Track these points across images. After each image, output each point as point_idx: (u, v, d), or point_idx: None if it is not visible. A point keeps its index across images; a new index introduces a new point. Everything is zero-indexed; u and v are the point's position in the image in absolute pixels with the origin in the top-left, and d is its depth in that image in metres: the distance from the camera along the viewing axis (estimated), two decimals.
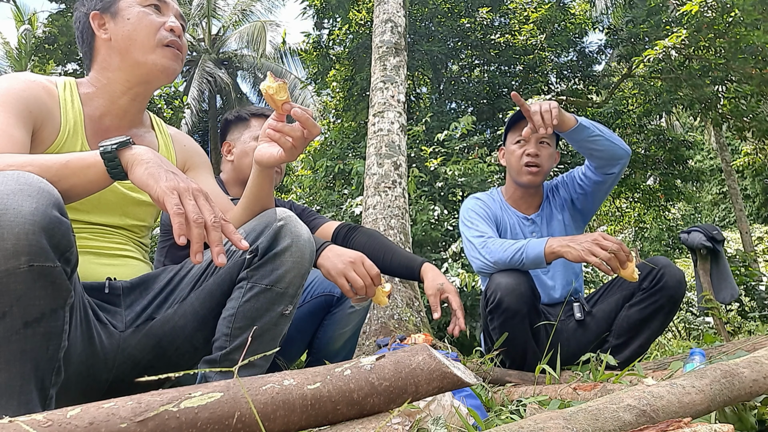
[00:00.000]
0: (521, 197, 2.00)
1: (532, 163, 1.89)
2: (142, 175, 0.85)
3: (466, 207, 1.97)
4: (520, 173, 1.93)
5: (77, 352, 0.95)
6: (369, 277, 1.28)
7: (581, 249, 1.54)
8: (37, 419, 0.55)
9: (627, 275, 1.52)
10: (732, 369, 0.79)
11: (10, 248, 0.72)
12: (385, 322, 3.18)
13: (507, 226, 1.96)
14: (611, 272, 1.53)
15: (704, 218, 19.48)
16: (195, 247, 0.80)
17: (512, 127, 1.97)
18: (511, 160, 1.95)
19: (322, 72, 9.44)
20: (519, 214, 1.99)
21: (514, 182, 1.99)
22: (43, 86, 1.10)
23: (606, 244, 1.51)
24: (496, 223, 1.94)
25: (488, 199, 2.01)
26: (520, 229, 1.96)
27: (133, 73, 1.15)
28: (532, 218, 1.98)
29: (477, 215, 1.91)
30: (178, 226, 0.79)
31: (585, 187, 1.93)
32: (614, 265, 1.51)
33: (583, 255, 1.53)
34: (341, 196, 6.66)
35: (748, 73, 6.80)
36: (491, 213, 1.94)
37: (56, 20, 9.76)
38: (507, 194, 2.04)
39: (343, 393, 0.66)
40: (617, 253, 1.50)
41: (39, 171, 0.83)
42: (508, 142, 1.98)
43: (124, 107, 1.18)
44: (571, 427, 0.60)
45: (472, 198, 2.02)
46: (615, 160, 1.79)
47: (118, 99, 1.17)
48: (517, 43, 8.67)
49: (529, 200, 2.01)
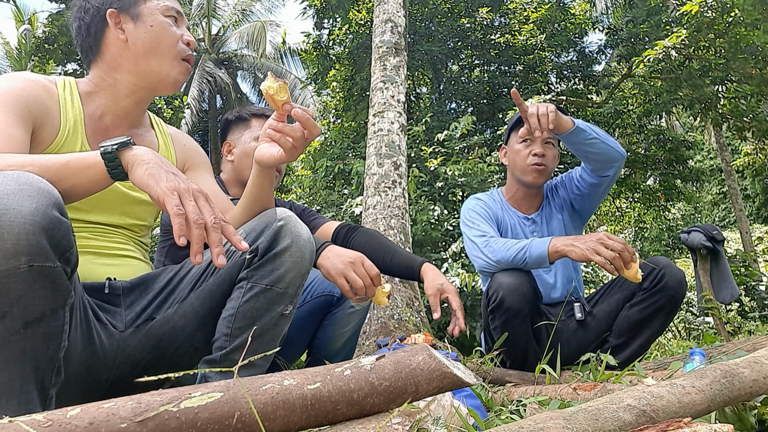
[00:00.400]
0: (522, 197, 2.00)
1: (538, 163, 1.89)
2: (143, 176, 0.85)
3: (466, 207, 1.96)
4: (525, 172, 1.92)
5: (77, 352, 0.95)
6: (369, 278, 1.28)
7: (586, 248, 1.54)
8: (37, 419, 0.55)
9: (630, 276, 1.52)
10: (732, 369, 0.79)
11: (11, 248, 0.72)
12: (385, 322, 3.18)
13: (508, 226, 1.96)
14: (615, 272, 1.53)
15: (704, 218, 19.47)
16: (195, 248, 0.80)
17: (516, 126, 1.96)
18: (516, 160, 1.94)
19: (322, 72, 9.43)
20: (519, 214, 1.99)
21: (517, 182, 1.98)
22: (43, 86, 1.09)
23: (611, 244, 1.51)
24: (497, 223, 1.94)
25: (489, 199, 2.01)
26: (520, 229, 1.96)
27: (145, 79, 1.15)
28: (533, 218, 1.98)
29: (478, 215, 1.90)
30: (178, 227, 0.79)
31: (581, 189, 1.94)
32: (618, 265, 1.51)
33: (587, 254, 1.53)
34: (341, 196, 6.66)
35: (748, 73, 6.80)
36: (492, 213, 1.94)
37: (56, 20, 9.75)
38: (508, 194, 2.04)
39: (343, 393, 0.66)
40: (622, 253, 1.50)
41: (39, 171, 0.83)
42: (512, 141, 1.97)
43: (126, 109, 1.18)
44: (571, 427, 0.60)
45: (473, 198, 2.01)
46: (610, 162, 1.79)
47: (121, 100, 1.17)
48: (517, 43, 8.67)
49: (530, 200, 2.00)
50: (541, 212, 2.00)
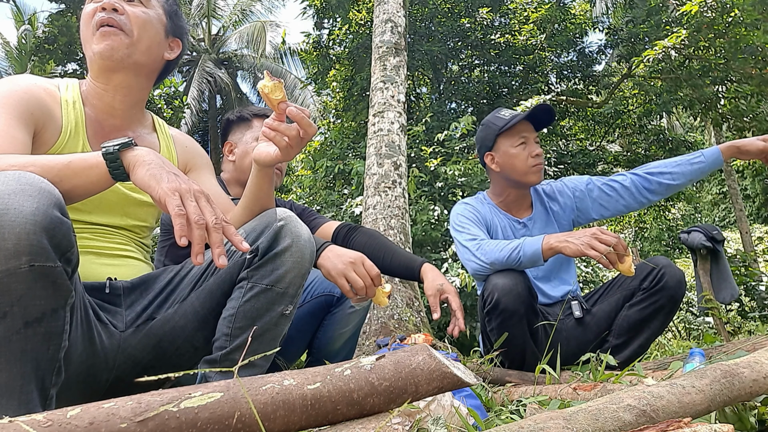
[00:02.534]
0: (514, 200, 1.98)
1: (539, 163, 1.89)
2: (144, 176, 0.85)
3: (455, 213, 1.95)
4: (528, 174, 1.89)
5: (77, 352, 0.95)
6: (369, 278, 1.28)
7: (580, 243, 1.54)
8: (37, 419, 0.55)
9: (624, 269, 1.53)
10: (732, 369, 0.79)
11: (11, 248, 0.73)
12: (385, 322, 3.18)
13: (498, 229, 1.95)
14: (609, 266, 1.53)
15: (704, 218, 19.47)
16: (196, 249, 0.80)
17: (504, 132, 1.91)
18: (514, 163, 1.90)
19: (322, 72, 9.44)
20: (511, 217, 1.98)
21: (511, 185, 1.95)
22: (45, 88, 1.10)
23: (605, 238, 1.52)
24: (487, 226, 1.92)
25: (477, 203, 1.98)
26: (512, 231, 1.95)
27: (93, 69, 1.16)
28: (524, 222, 1.97)
29: (468, 219, 1.89)
30: (179, 228, 0.79)
31: (608, 207, 1.93)
32: (613, 259, 1.51)
33: (582, 249, 1.53)
34: (341, 196, 6.66)
35: (748, 73, 6.80)
36: (481, 216, 1.93)
37: (56, 20, 9.75)
38: (497, 198, 2.01)
39: (343, 393, 0.67)
40: (616, 247, 1.51)
41: (41, 171, 0.84)
42: (505, 146, 1.91)
43: (112, 104, 1.18)
44: (571, 427, 0.60)
45: (461, 203, 1.99)
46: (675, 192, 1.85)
47: (103, 96, 1.17)
48: (517, 43, 8.67)
49: (521, 203, 1.99)
50: (534, 216, 1.99)
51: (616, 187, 1.91)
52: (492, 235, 1.94)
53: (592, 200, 1.96)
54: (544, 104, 1.93)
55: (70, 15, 9.69)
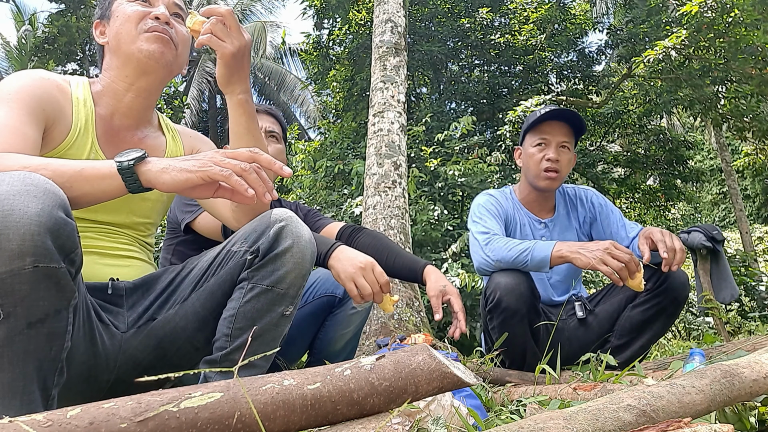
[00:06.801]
0: (535, 200, 1.97)
1: (551, 169, 1.84)
2: (173, 179, 0.88)
3: (476, 203, 1.92)
4: (538, 177, 1.87)
5: (79, 352, 0.95)
6: (378, 285, 1.28)
7: (592, 257, 1.52)
8: (37, 419, 0.55)
9: (634, 285, 1.52)
10: (732, 369, 0.80)
11: (15, 249, 0.73)
12: (385, 322, 3.19)
13: (518, 225, 1.93)
14: (620, 282, 1.52)
15: (704, 218, 19.46)
16: (260, 190, 0.88)
17: (533, 128, 1.90)
18: (529, 163, 1.89)
19: (322, 72, 9.44)
20: (532, 216, 1.96)
21: (529, 185, 1.94)
22: (57, 84, 1.11)
23: (618, 254, 1.50)
24: (506, 221, 1.90)
25: (501, 197, 1.96)
26: (530, 230, 1.93)
27: (128, 67, 1.16)
28: (545, 222, 1.95)
29: (486, 211, 1.86)
30: (236, 183, 0.86)
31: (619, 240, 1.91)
32: (624, 276, 1.50)
33: (593, 263, 1.51)
34: (341, 196, 6.66)
35: (748, 73, 6.80)
36: (502, 210, 1.90)
37: (56, 20, 9.75)
38: (521, 195, 2.00)
39: (343, 393, 0.67)
40: (628, 264, 1.49)
41: (52, 175, 0.84)
42: (527, 143, 1.91)
43: (129, 104, 1.19)
44: (571, 427, 0.60)
45: (485, 194, 1.97)
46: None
47: (122, 97, 1.18)
48: (517, 43, 8.66)
49: (542, 203, 1.97)
50: (556, 218, 1.96)
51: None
52: (510, 231, 1.91)
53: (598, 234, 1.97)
54: (572, 111, 1.88)
55: (70, 15, 9.69)
